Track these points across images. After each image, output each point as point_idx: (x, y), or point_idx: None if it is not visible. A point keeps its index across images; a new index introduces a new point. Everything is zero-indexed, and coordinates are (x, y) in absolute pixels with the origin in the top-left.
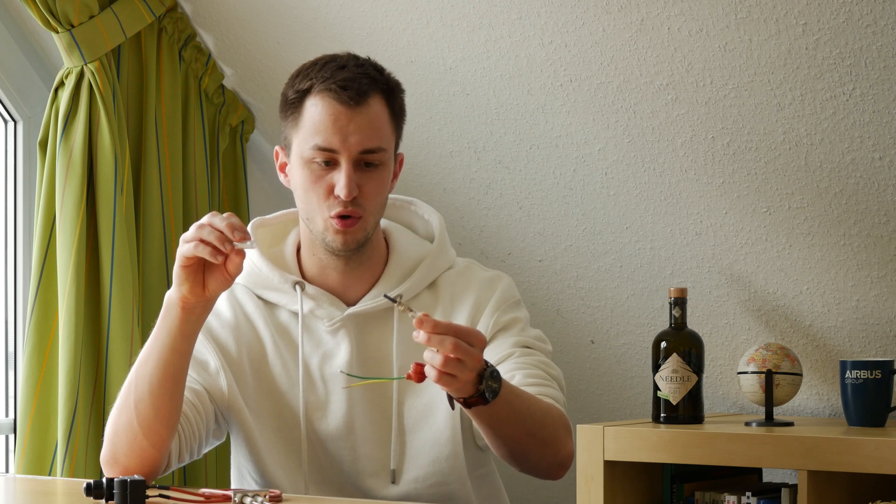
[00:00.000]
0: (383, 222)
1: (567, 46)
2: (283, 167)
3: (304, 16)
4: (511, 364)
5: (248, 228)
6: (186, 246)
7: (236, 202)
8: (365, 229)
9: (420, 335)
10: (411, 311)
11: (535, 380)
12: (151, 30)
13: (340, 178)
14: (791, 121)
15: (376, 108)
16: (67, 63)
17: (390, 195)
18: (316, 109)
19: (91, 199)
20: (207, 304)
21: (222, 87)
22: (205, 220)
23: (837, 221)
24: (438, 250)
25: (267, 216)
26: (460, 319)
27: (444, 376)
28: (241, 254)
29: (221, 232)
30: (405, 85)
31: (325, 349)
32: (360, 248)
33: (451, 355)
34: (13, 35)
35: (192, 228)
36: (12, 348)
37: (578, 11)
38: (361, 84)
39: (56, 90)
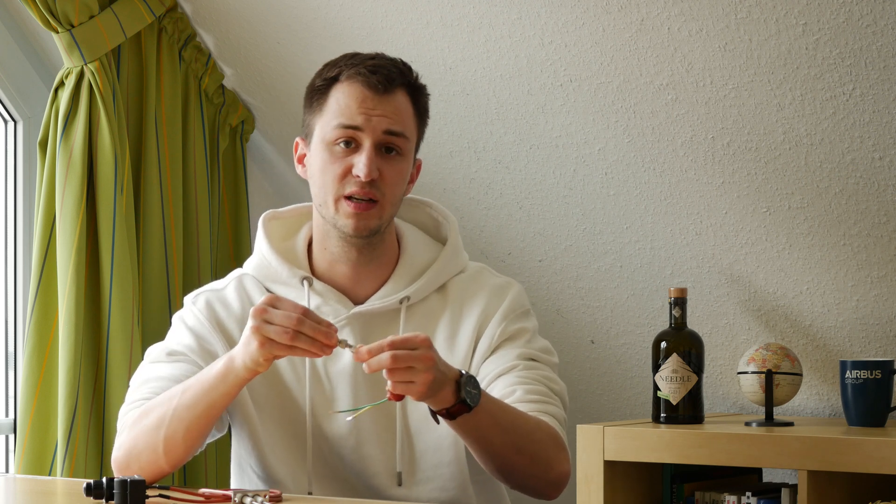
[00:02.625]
0: (396, 221)
1: (567, 46)
2: (301, 158)
3: (304, 16)
4: (513, 377)
5: (260, 221)
6: (281, 348)
7: (236, 202)
8: (380, 217)
9: (364, 366)
10: (350, 346)
11: (535, 396)
12: (151, 30)
13: (361, 159)
14: (791, 121)
15: (402, 99)
16: (67, 63)
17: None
18: (342, 93)
19: (91, 199)
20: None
21: (222, 87)
22: (292, 323)
23: (837, 221)
24: (450, 253)
25: (280, 209)
26: (468, 325)
27: (401, 385)
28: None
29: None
30: None
31: None
32: (373, 236)
33: (394, 367)
34: (13, 35)
35: (284, 324)
36: (12, 348)
37: (578, 11)
38: (391, 72)
39: (56, 90)
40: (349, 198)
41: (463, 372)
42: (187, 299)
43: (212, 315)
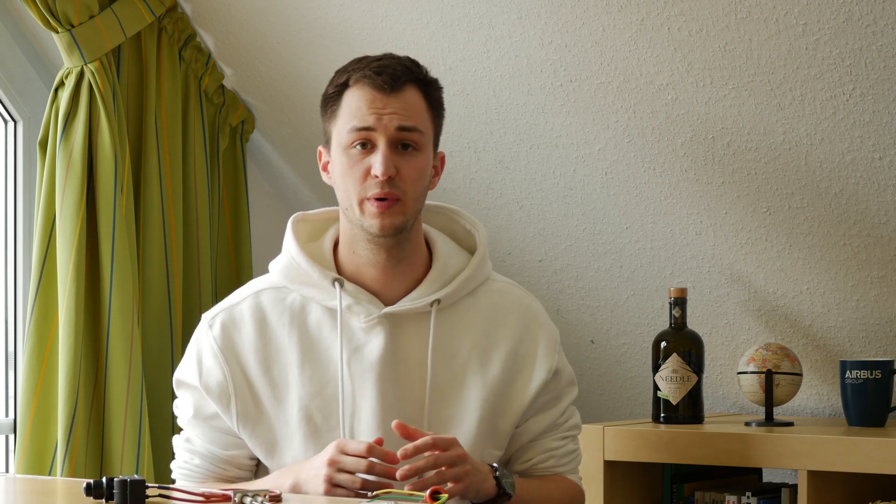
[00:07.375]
0: (426, 227)
1: (567, 46)
2: (325, 166)
3: (304, 16)
4: (551, 440)
5: (289, 223)
6: (348, 493)
7: (236, 202)
8: (404, 213)
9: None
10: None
11: (567, 458)
12: (151, 30)
13: (377, 158)
14: (791, 121)
15: (412, 95)
16: (67, 63)
17: (433, 202)
18: (353, 97)
19: (91, 199)
20: None
21: (222, 87)
22: (361, 468)
23: (837, 221)
24: (480, 260)
25: (308, 212)
26: (503, 346)
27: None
28: None
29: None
30: None
31: (356, 345)
32: (400, 235)
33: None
34: (13, 35)
35: (354, 468)
36: (12, 348)
37: (578, 11)
38: (396, 70)
39: (56, 90)
40: (372, 199)
41: (495, 465)
42: (205, 319)
43: (227, 344)
